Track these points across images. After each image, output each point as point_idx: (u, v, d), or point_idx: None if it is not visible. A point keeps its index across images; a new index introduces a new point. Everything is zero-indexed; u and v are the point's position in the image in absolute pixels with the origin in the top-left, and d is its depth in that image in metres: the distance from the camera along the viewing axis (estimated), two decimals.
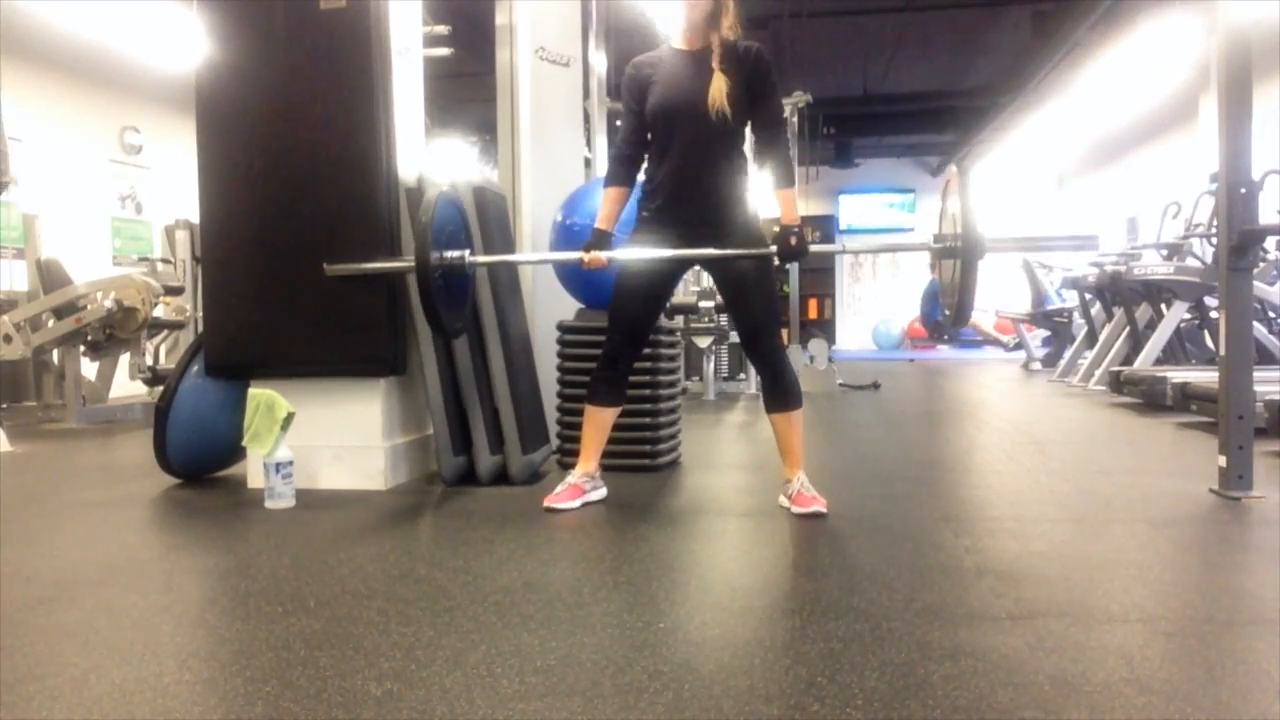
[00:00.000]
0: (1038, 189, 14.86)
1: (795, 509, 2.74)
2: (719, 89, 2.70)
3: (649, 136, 2.85)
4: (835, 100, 10.79)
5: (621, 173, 2.90)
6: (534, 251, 3.91)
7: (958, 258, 2.68)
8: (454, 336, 3.18)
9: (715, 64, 2.73)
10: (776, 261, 2.79)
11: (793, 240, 2.72)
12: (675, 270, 2.99)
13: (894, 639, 1.69)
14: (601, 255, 2.84)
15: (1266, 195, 3.26)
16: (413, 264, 2.86)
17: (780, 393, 2.84)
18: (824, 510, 2.70)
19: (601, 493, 2.96)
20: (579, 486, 2.88)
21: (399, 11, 3.35)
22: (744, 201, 2.85)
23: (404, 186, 3.28)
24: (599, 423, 2.93)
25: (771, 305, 2.86)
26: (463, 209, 3.19)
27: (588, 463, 2.93)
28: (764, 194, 2.87)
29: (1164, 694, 1.45)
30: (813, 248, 2.86)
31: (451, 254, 2.97)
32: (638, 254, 2.83)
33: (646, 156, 2.89)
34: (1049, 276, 9.97)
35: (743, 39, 2.81)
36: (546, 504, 2.83)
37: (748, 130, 2.83)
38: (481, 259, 3.14)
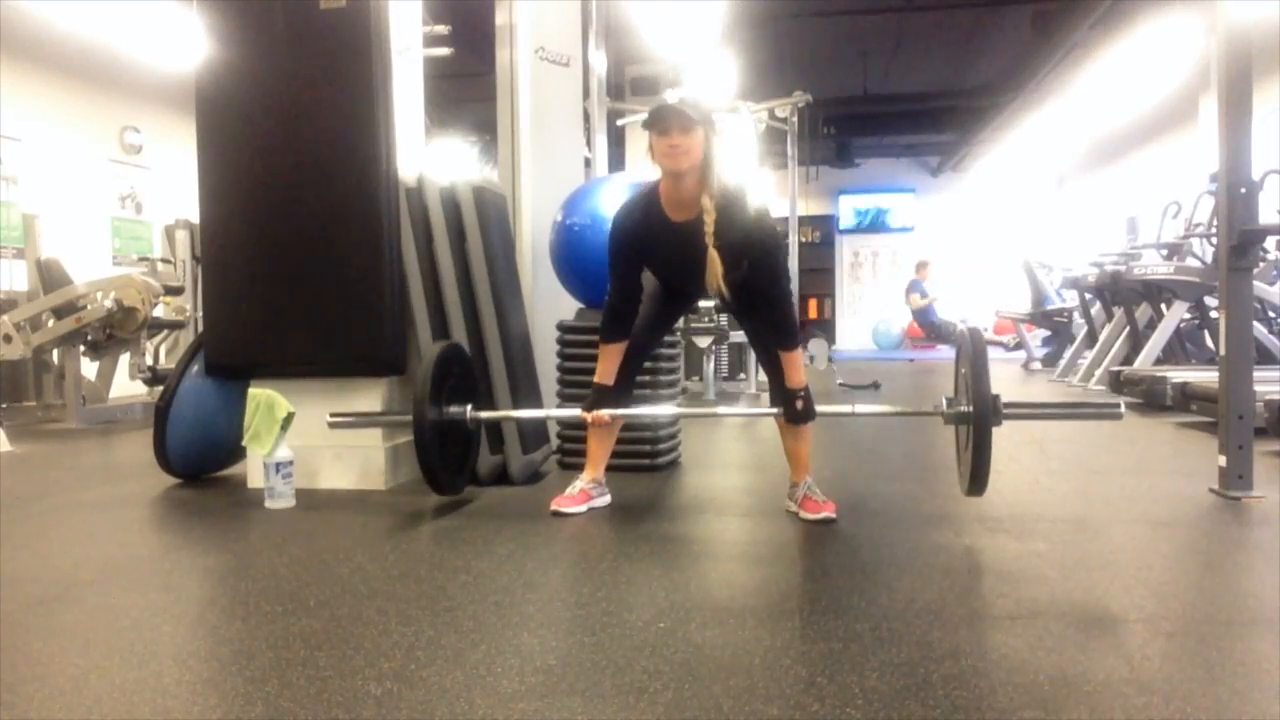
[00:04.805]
0: (1038, 189, 14.85)
1: (804, 514, 2.70)
2: (715, 274, 2.57)
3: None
4: (835, 100, 10.78)
5: (618, 328, 2.80)
6: (533, 252, 3.92)
7: (970, 424, 2.55)
8: (455, 493, 3.00)
9: (709, 240, 2.55)
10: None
11: (798, 404, 2.68)
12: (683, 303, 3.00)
13: (894, 639, 1.69)
14: (604, 414, 2.81)
15: (1266, 195, 3.26)
16: (410, 418, 2.76)
17: (795, 408, 2.74)
18: (833, 516, 2.66)
19: (606, 499, 2.94)
20: (586, 492, 2.88)
21: (399, 11, 3.35)
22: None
23: (404, 186, 3.29)
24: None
25: (789, 315, 2.72)
26: (466, 357, 3.07)
27: (595, 468, 2.93)
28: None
29: (1164, 694, 1.45)
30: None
31: (453, 409, 2.89)
32: (640, 412, 2.94)
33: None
34: (1049, 276, 9.99)
35: (730, 184, 2.58)
36: (554, 508, 2.81)
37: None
38: (484, 414, 3.00)
